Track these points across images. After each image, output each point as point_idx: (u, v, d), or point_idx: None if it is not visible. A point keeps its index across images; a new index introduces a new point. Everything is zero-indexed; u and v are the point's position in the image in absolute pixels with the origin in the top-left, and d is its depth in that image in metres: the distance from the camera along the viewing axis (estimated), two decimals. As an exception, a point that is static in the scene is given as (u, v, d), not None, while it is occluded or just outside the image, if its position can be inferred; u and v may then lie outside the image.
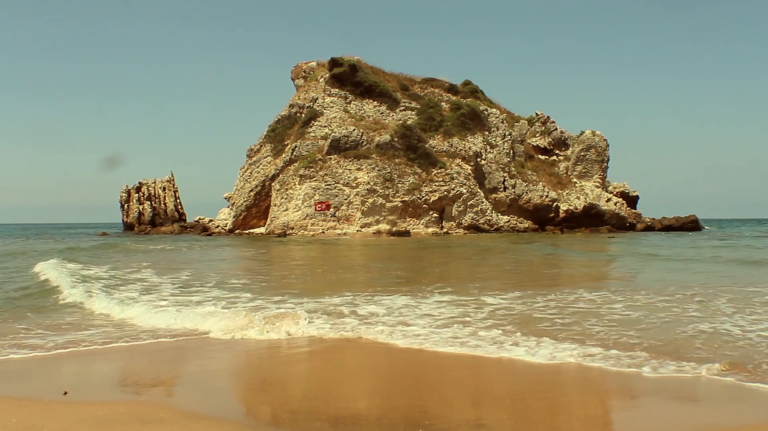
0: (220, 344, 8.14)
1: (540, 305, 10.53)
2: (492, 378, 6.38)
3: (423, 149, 49.66)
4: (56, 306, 11.33)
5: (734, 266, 18.94)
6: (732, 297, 11.19)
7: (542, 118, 59.94)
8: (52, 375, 6.80)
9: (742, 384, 5.85)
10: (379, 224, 47.65)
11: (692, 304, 10.47)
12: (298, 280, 16.10)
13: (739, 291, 12.09)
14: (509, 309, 10.12)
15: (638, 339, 7.75)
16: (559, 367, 6.52)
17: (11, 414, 5.11)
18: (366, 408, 5.45)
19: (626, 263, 20.82)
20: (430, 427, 4.74)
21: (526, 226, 52.29)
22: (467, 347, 7.42)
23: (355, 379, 6.53)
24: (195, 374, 6.88)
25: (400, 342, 7.84)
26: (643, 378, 6.09)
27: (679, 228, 56.56)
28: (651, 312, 9.72)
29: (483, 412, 5.29)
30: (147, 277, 16.16)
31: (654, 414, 5.16)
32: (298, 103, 55.36)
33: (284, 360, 7.43)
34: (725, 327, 8.41)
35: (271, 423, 5.10)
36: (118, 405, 5.39)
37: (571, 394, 5.84)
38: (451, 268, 20.50)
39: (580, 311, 9.92)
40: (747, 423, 4.94)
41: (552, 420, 5.07)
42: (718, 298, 11.07)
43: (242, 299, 11.68)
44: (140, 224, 67.76)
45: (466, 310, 10.01)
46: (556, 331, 8.26)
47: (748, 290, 12.24)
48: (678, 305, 10.41)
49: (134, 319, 9.82)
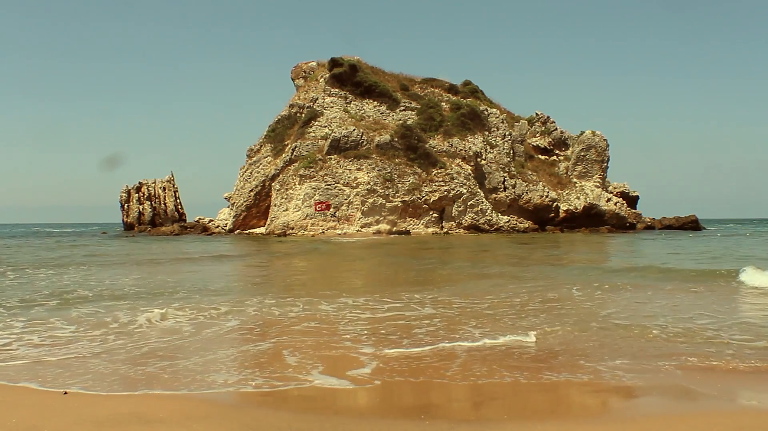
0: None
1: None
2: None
3: (423, 149, 49.67)
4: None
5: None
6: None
7: (542, 118, 59.96)
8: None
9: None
10: (379, 224, 47.66)
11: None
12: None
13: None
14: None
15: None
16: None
17: (11, 414, 5.11)
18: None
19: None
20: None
21: (526, 226, 52.30)
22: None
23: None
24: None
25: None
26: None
27: (679, 228, 56.57)
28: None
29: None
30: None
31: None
32: (298, 103, 55.38)
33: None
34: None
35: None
36: (119, 405, 5.38)
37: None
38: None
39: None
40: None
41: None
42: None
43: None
44: (140, 224, 67.77)
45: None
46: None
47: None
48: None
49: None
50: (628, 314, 9.66)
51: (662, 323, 8.79)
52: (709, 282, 14.02)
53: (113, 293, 12.91)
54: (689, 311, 9.88)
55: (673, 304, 10.79)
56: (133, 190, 69.91)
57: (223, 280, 16.82)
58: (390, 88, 54.86)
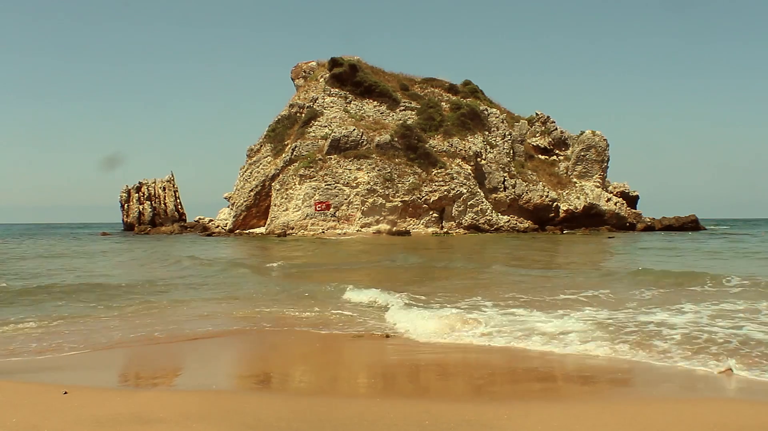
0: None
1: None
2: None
3: (423, 149, 49.65)
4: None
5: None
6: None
7: (542, 118, 59.93)
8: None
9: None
10: (379, 224, 47.65)
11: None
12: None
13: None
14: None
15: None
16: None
17: (11, 413, 5.11)
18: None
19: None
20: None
21: (526, 226, 52.29)
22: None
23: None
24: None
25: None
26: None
27: (679, 228, 56.50)
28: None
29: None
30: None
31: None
32: (298, 103, 55.35)
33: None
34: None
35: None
36: (119, 405, 5.38)
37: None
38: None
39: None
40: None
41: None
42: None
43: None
44: (140, 224, 67.78)
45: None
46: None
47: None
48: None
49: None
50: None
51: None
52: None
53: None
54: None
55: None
56: (133, 190, 69.90)
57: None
58: (390, 88, 54.81)
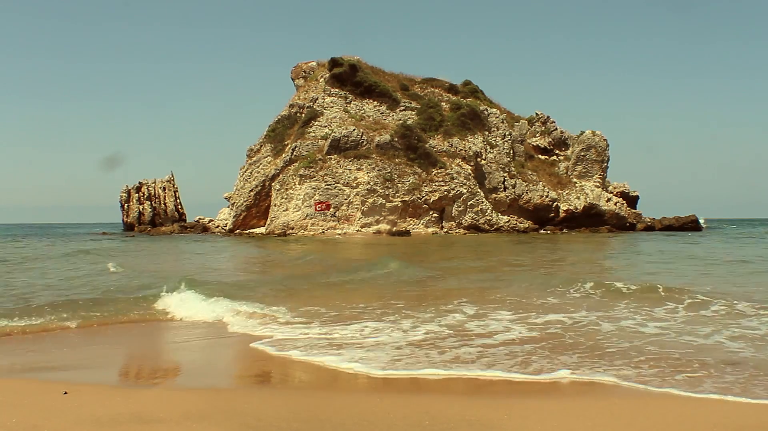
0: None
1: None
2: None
3: (423, 149, 49.66)
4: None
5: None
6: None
7: (542, 118, 59.93)
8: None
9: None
10: (379, 224, 47.65)
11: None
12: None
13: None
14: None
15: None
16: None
17: (12, 413, 5.11)
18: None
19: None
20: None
21: (526, 226, 52.29)
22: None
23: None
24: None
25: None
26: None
27: (679, 228, 56.47)
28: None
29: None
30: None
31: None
32: (298, 103, 55.35)
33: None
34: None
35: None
36: (119, 405, 5.38)
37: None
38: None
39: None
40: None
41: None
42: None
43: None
44: (140, 224, 67.75)
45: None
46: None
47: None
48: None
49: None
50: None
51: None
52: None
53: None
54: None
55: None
56: (133, 190, 69.87)
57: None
58: (390, 88, 54.81)
